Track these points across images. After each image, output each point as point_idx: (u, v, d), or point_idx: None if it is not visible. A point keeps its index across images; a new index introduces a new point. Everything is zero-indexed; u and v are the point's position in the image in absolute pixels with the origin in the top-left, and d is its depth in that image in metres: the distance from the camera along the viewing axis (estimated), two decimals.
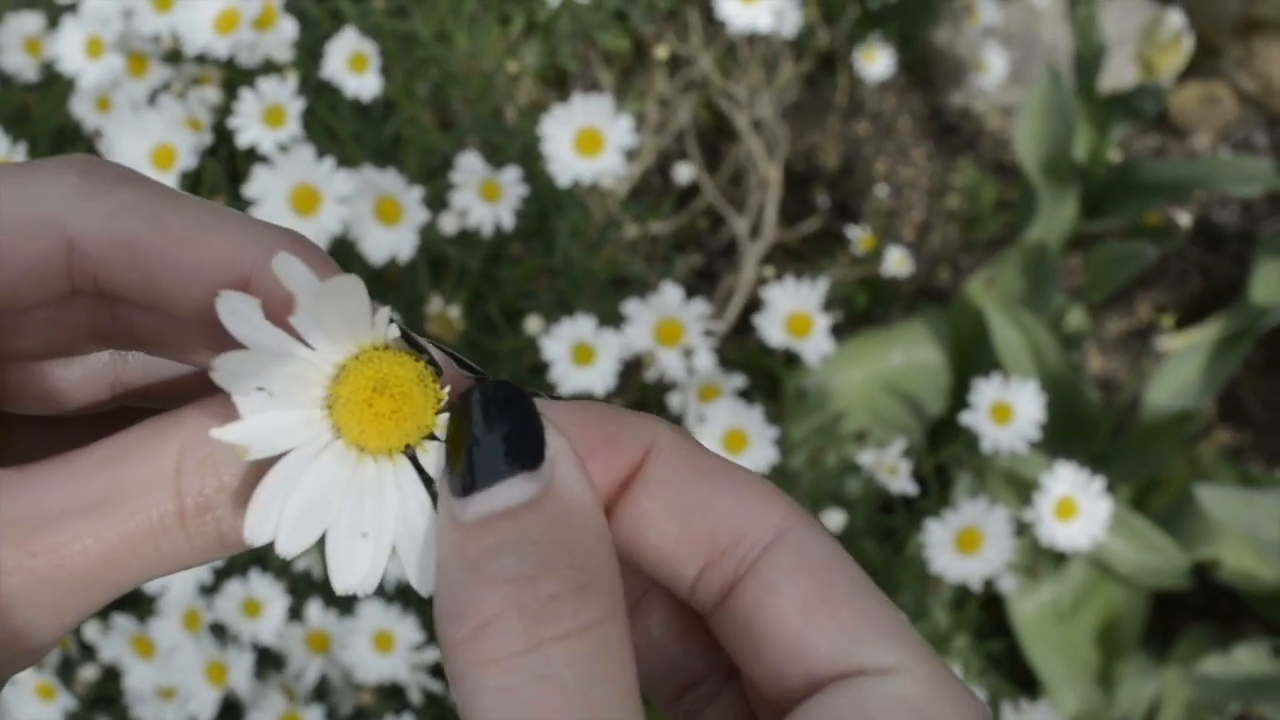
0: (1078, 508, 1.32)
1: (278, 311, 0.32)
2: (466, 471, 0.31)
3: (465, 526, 0.31)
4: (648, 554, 0.34)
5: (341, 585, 0.33)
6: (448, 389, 0.34)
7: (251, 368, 0.31)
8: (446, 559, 0.31)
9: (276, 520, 0.32)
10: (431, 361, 0.34)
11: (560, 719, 0.29)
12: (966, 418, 1.33)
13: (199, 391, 0.33)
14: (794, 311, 1.30)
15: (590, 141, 1.26)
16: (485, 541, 0.30)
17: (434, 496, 0.34)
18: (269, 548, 0.33)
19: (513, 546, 0.30)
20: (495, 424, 0.32)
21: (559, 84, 1.88)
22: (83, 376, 0.40)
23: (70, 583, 0.32)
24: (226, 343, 0.32)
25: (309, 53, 1.40)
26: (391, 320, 0.34)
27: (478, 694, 0.29)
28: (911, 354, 1.75)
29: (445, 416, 0.34)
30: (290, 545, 0.32)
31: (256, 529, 0.32)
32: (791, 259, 2.01)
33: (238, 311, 0.31)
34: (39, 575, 0.31)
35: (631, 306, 1.25)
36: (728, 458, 0.35)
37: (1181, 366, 1.73)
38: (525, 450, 0.31)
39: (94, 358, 0.40)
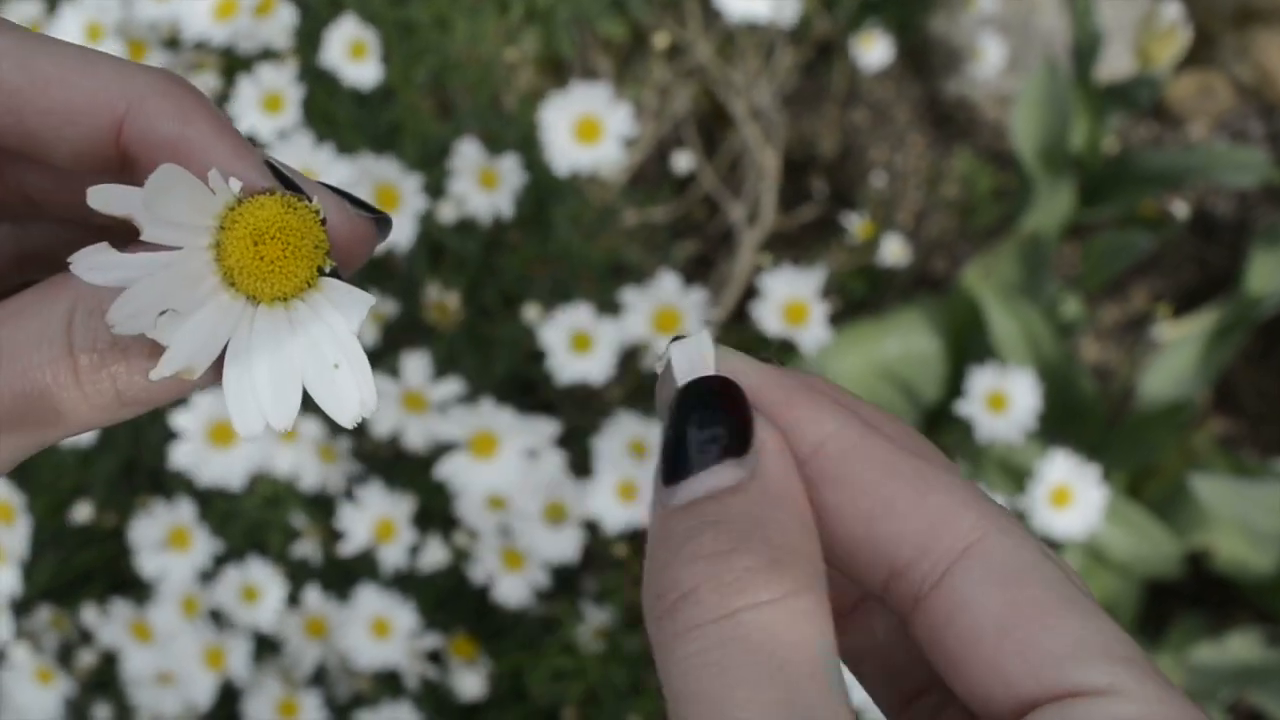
0: (1073, 495, 1.32)
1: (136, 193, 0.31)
2: (678, 459, 0.31)
3: (670, 511, 0.31)
4: (831, 553, 0.32)
5: (245, 429, 0.33)
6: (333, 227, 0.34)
7: (141, 302, 0.31)
8: (653, 543, 0.31)
9: (179, 364, 0.32)
10: (290, 186, 0.34)
11: (746, 679, 0.29)
12: (962, 406, 1.33)
13: None
14: (791, 299, 1.30)
15: (589, 129, 1.26)
16: (687, 523, 0.31)
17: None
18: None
19: (711, 525, 0.30)
20: (708, 416, 0.32)
21: (557, 72, 1.88)
22: None
23: None
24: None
25: (308, 40, 1.40)
26: (270, 164, 0.35)
27: (672, 663, 0.29)
28: (907, 342, 1.76)
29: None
30: (126, 326, 0.31)
31: (162, 372, 0.32)
32: (789, 247, 2.02)
33: (93, 265, 0.31)
34: None
35: (629, 295, 1.25)
36: (924, 447, 0.34)
37: (1176, 356, 1.73)
38: (732, 439, 0.31)
39: None
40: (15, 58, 0.33)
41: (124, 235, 0.32)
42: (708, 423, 0.32)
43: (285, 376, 0.34)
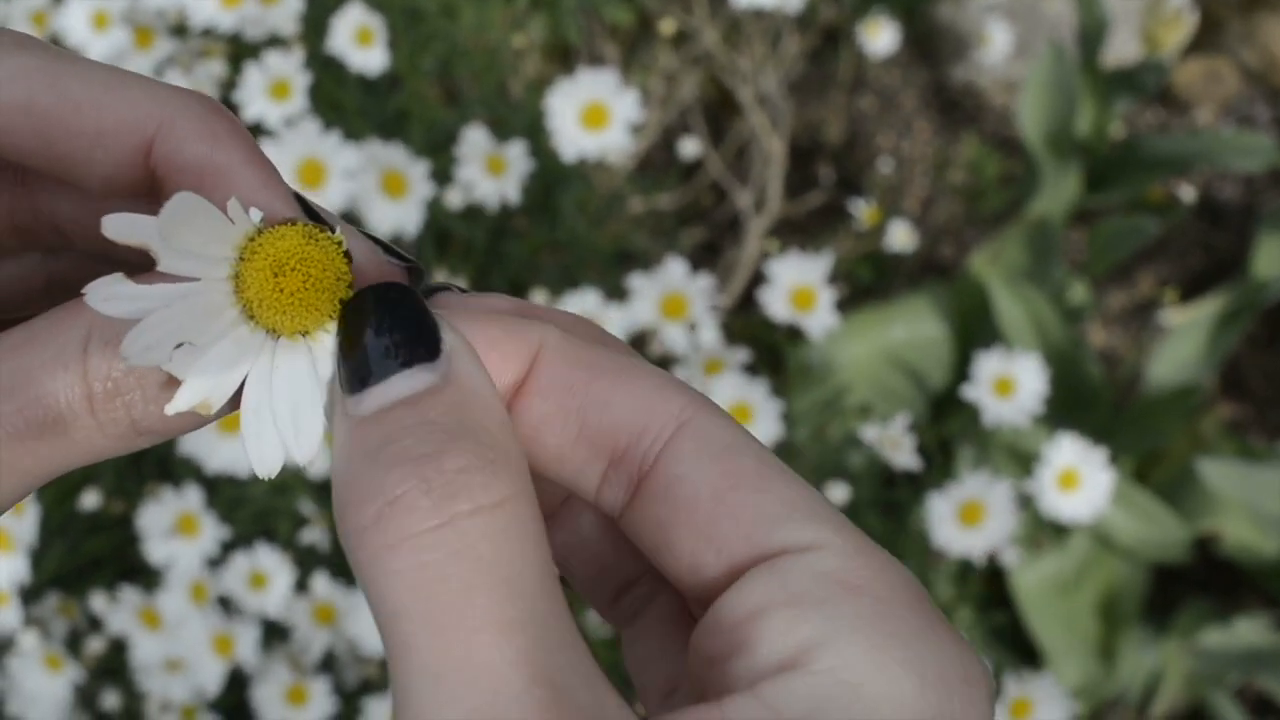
0: (1080, 479, 1.33)
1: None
2: (360, 367, 0.30)
3: (361, 419, 0.30)
4: (548, 459, 0.33)
5: (263, 468, 0.32)
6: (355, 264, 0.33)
7: (156, 335, 0.31)
8: (343, 454, 0.30)
9: (196, 399, 0.32)
10: (314, 218, 0.34)
11: (479, 597, 0.27)
12: (969, 391, 1.33)
13: None
14: (798, 285, 1.30)
15: (596, 116, 1.26)
16: (383, 429, 0.29)
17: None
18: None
19: (412, 429, 0.29)
20: (387, 321, 0.31)
21: (564, 58, 1.88)
22: (13, 276, 0.39)
23: None
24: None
25: (314, 26, 1.40)
26: (297, 195, 0.34)
27: (388, 577, 0.27)
28: (914, 328, 1.76)
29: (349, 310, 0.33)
30: (140, 358, 0.31)
31: (178, 406, 0.31)
32: (795, 233, 2.02)
33: (107, 296, 0.30)
34: None
35: (636, 281, 1.25)
36: (621, 345, 0.34)
37: (1183, 341, 1.73)
38: (420, 344, 0.30)
39: (25, 258, 0.39)
40: (45, 78, 0.33)
41: (148, 268, 0.32)
42: (392, 328, 0.31)
43: (307, 409, 0.33)
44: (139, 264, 0.31)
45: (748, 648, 0.29)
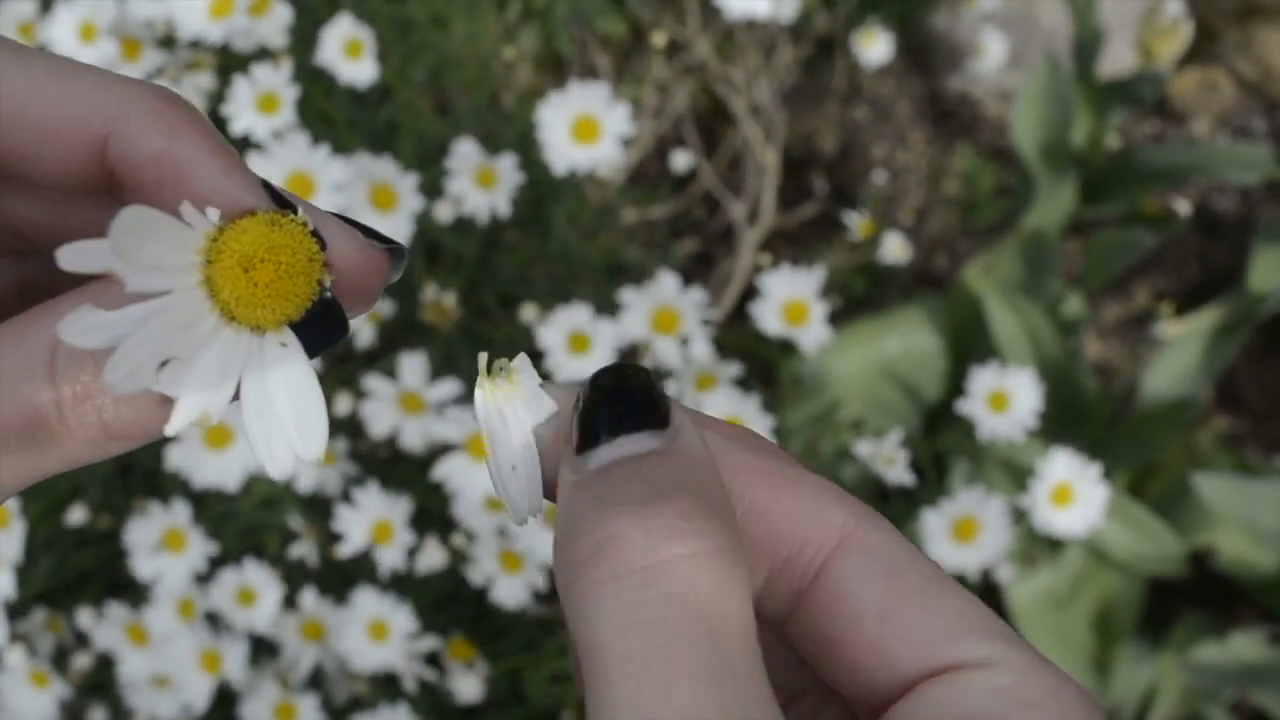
0: (1074, 494, 1.32)
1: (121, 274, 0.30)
2: (593, 431, 0.31)
3: (587, 476, 0.30)
4: None
5: (276, 469, 0.32)
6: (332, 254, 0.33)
7: (137, 358, 0.30)
8: (567, 503, 0.30)
9: (194, 413, 0.31)
10: (281, 203, 0.33)
11: (683, 642, 0.27)
12: (963, 406, 1.33)
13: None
14: (791, 299, 1.29)
15: (587, 129, 1.25)
16: (609, 480, 0.30)
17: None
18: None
19: (635, 478, 0.29)
20: (623, 391, 0.31)
21: (555, 70, 1.87)
22: None
23: None
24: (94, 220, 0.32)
25: (303, 38, 1.39)
26: (267, 186, 0.33)
27: (598, 612, 0.28)
28: (908, 341, 1.75)
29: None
30: (126, 385, 0.30)
31: (177, 424, 0.31)
32: (789, 245, 2.01)
33: (81, 330, 0.30)
34: None
35: (628, 295, 1.24)
36: (782, 455, 0.34)
37: (1179, 353, 1.73)
38: (650, 413, 0.31)
39: None
40: None
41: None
42: (625, 399, 0.31)
43: (306, 402, 0.32)
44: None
45: None
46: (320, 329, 0.33)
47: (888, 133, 2.17)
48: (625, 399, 0.31)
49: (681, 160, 1.44)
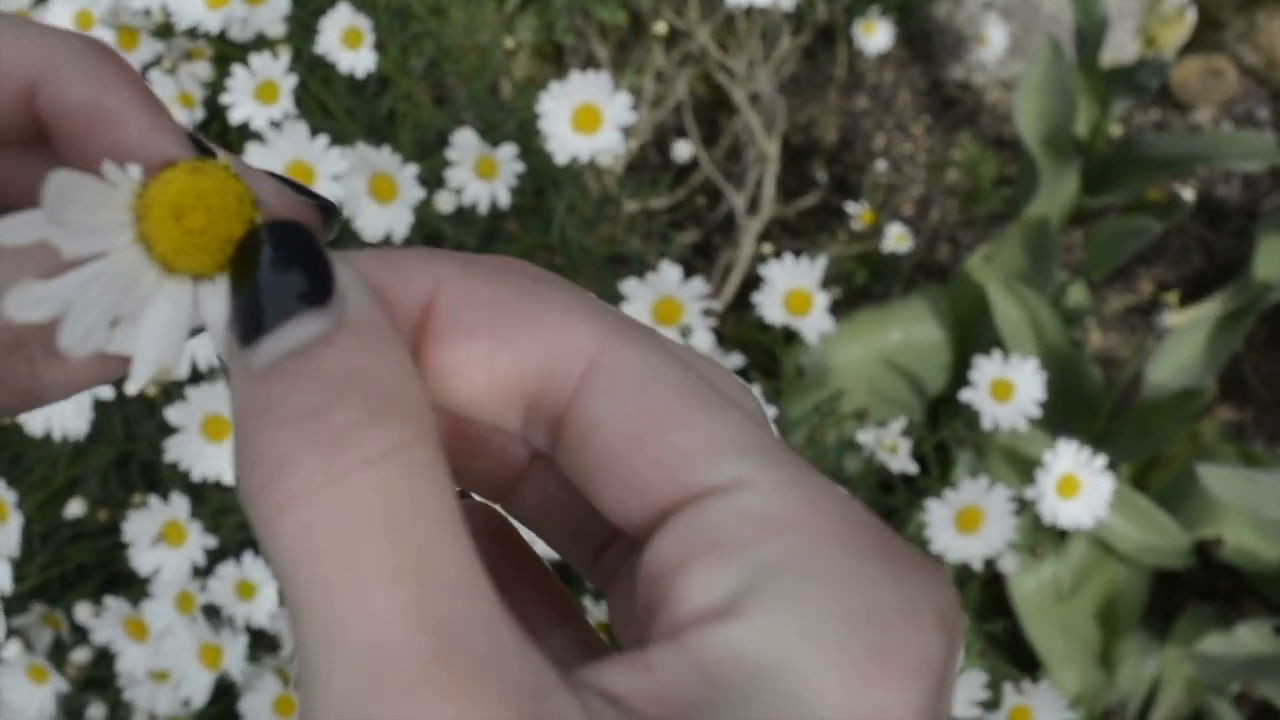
0: (1080, 484, 1.31)
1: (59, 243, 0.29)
2: (252, 314, 0.29)
3: (254, 375, 0.28)
4: (465, 406, 0.31)
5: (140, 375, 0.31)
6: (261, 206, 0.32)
7: (87, 321, 0.30)
8: (239, 413, 0.28)
9: (152, 367, 0.31)
10: (208, 152, 0.32)
11: (369, 552, 0.26)
12: (967, 395, 1.32)
13: None
14: (793, 289, 1.28)
15: (588, 118, 1.24)
16: (274, 385, 0.28)
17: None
18: None
19: (303, 384, 0.27)
20: (277, 261, 0.29)
21: (555, 59, 1.86)
22: None
23: None
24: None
25: (302, 27, 1.38)
26: (193, 138, 0.33)
27: (278, 538, 0.26)
28: (911, 331, 1.74)
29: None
30: (82, 348, 0.30)
31: (139, 379, 0.30)
32: (790, 234, 2.00)
33: (25, 304, 0.29)
34: None
35: (629, 285, 1.23)
36: (527, 274, 0.32)
37: (1183, 343, 1.72)
38: (312, 285, 0.29)
39: None
40: None
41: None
42: (281, 269, 0.29)
43: (177, 325, 0.31)
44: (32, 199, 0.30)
45: (671, 600, 0.28)
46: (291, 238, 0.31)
47: (888, 122, 2.16)
48: (285, 266, 0.29)
49: (683, 150, 1.43)
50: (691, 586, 0.27)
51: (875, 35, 1.91)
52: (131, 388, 0.31)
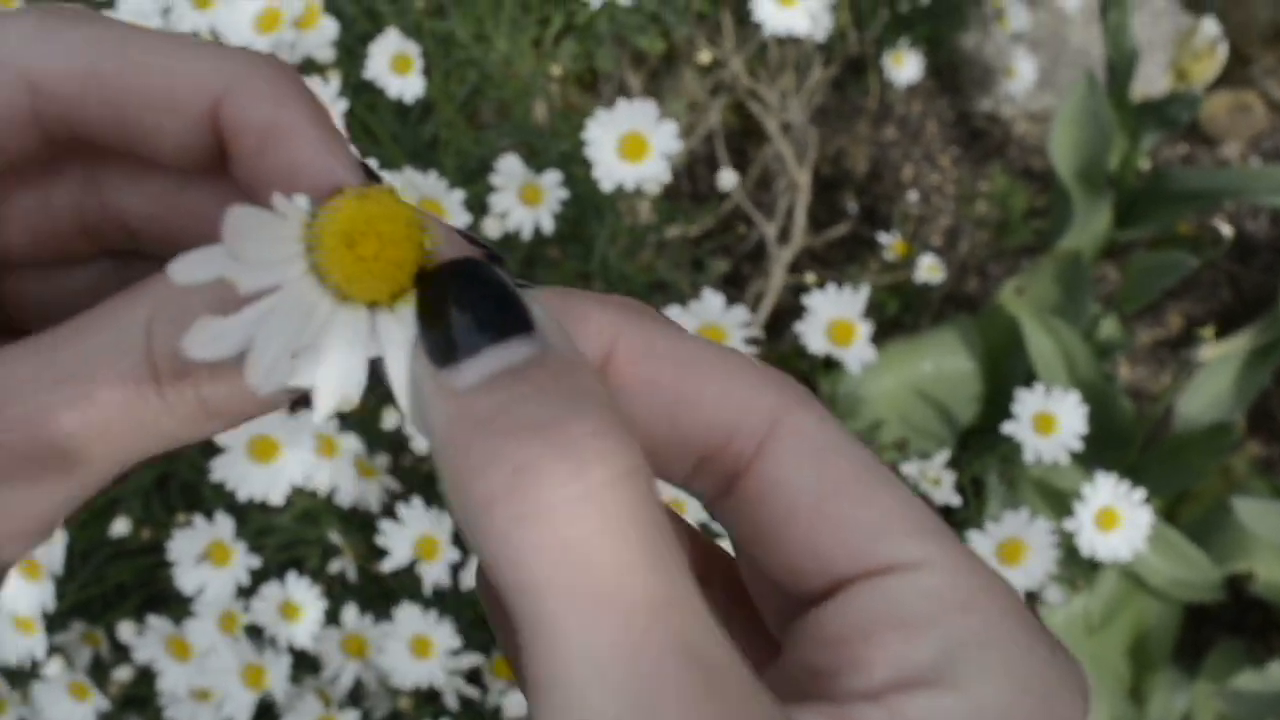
0: (1119, 518, 1.32)
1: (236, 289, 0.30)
2: (448, 340, 0.29)
3: (464, 391, 0.28)
4: None
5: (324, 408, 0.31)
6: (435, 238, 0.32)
7: (272, 353, 0.30)
8: (449, 427, 0.28)
9: (335, 398, 0.31)
10: (374, 179, 0.33)
11: (633, 578, 0.26)
12: (1009, 428, 1.32)
13: None
14: (836, 319, 1.29)
15: (634, 146, 1.25)
16: (494, 398, 0.27)
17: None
18: None
19: (530, 396, 0.27)
20: (474, 293, 0.29)
21: (590, 87, 1.87)
22: (86, 286, 0.39)
23: (46, 457, 0.30)
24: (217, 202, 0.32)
25: (346, 52, 1.39)
26: (361, 163, 0.33)
27: (526, 551, 0.26)
28: (942, 362, 1.75)
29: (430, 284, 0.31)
30: (268, 383, 0.30)
31: (322, 411, 0.31)
32: (819, 264, 2.01)
33: (207, 341, 0.29)
34: (13, 449, 0.30)
35: (672, 314, 1.24)
36: (679, 325, 0.32)
37: (1214, 378, 1.73)
38: (512, 316, 0.29)
39: (95, 265, 0.39)
40: (111, 46, 0.33)
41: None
42: (480, 299, 0.29)
43: (356, 358, 0.31)
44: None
45: (861, 666, 0.29)
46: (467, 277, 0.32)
47: (916, 153, 2.17)
48: (478, 296, 0.29)
49: (728, 179, 1.44)
50: (886, 655, 0.29)
51: (905, 67, 1.92)
52: (316, 419, 0.31)
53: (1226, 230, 1.65)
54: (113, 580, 1.42)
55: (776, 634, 0.33)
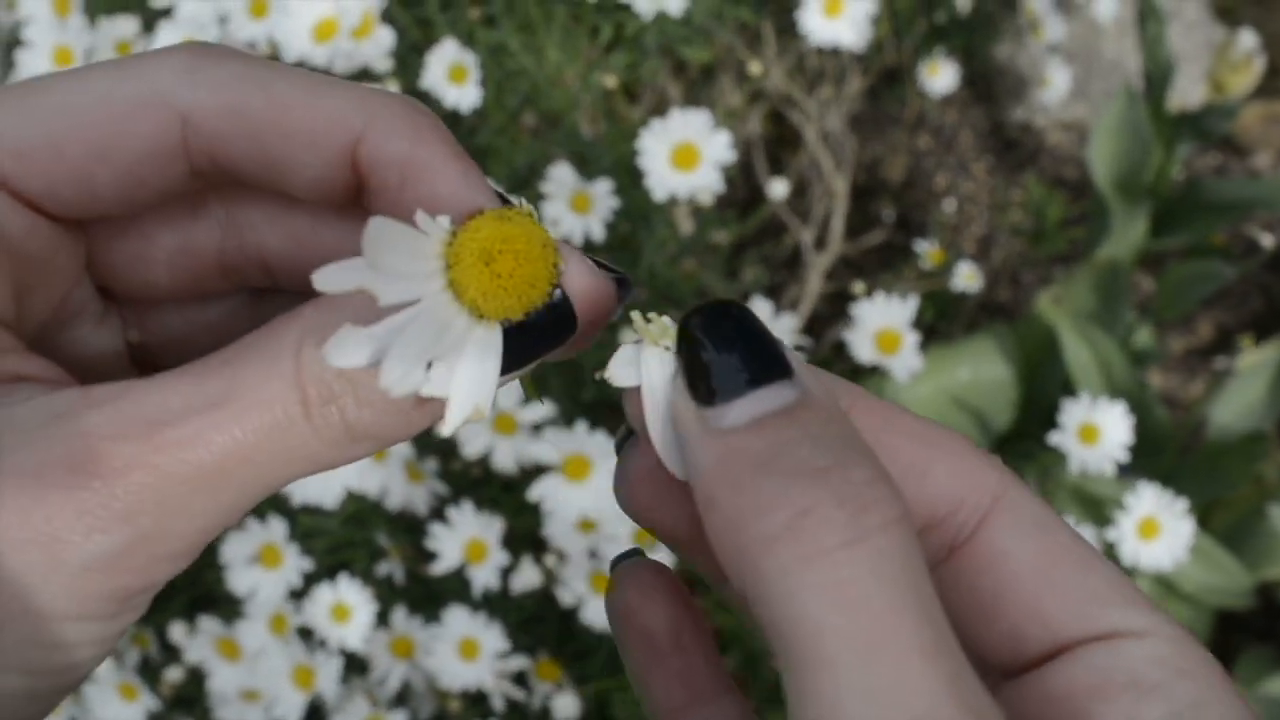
0: (1161, 527, 1.32)
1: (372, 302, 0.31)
2: (710, 380, 0.30)
3: (733, 431, 0.29)
4: None
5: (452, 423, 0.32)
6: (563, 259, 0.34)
7: (406, 363, 0.31)
8: (721, 464, 0.29)
9: (466, 410, 0.32)
10: (507, 202, 0.35)
11: (905, 620, 0.27)
12: (1054, 438, 1.33)
13: None
14: (883, 328, 1.30)
15: (687, 156, 1.26)
16: (765, 439, 0.29)
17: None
18: None
19: (803, 440, 0.29)
20: (736, 336, 0.31)
21: (632, 96, 1.88)
22: (222, 319, 0.40)
23: (198, 480, 0.31)
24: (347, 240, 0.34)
25: (399, 61, 1.40)
26: (497, 192, 0.35)
27: (806, 591, 0.27)
28: (979, 369, 1.76)
29: (657, 324, 0.33)
30: (401, 389, 0.31)
31: (453, 423, 0.32)
32: (854, 272, 2.02)
33: (347, 347, 0.31)
34: (166, 472, 0.31)
35: None
36: (908, 414, 0.34)
37: (1247, 386, 1.73)
38: (773, 361, 0.30)
39: (231, 300, 0.40)
40: (254, 84, 0.34)
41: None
42: (740, 343, 0.31)
43: (487, 366, 0.33)
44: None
45: None
46: (550, 328, 0.34)
47: (950, 162, 2.18)
48: (742, 343, 0.31)
49: (779, 189, 1.45)
50: (1118, 713, 0.31)
51: (940, 76, 1.93)
52: (445, 430, 0.32)
53: (1268, 242, 1.66)
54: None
55: None
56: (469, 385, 0.32)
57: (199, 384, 0.32)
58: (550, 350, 0.34)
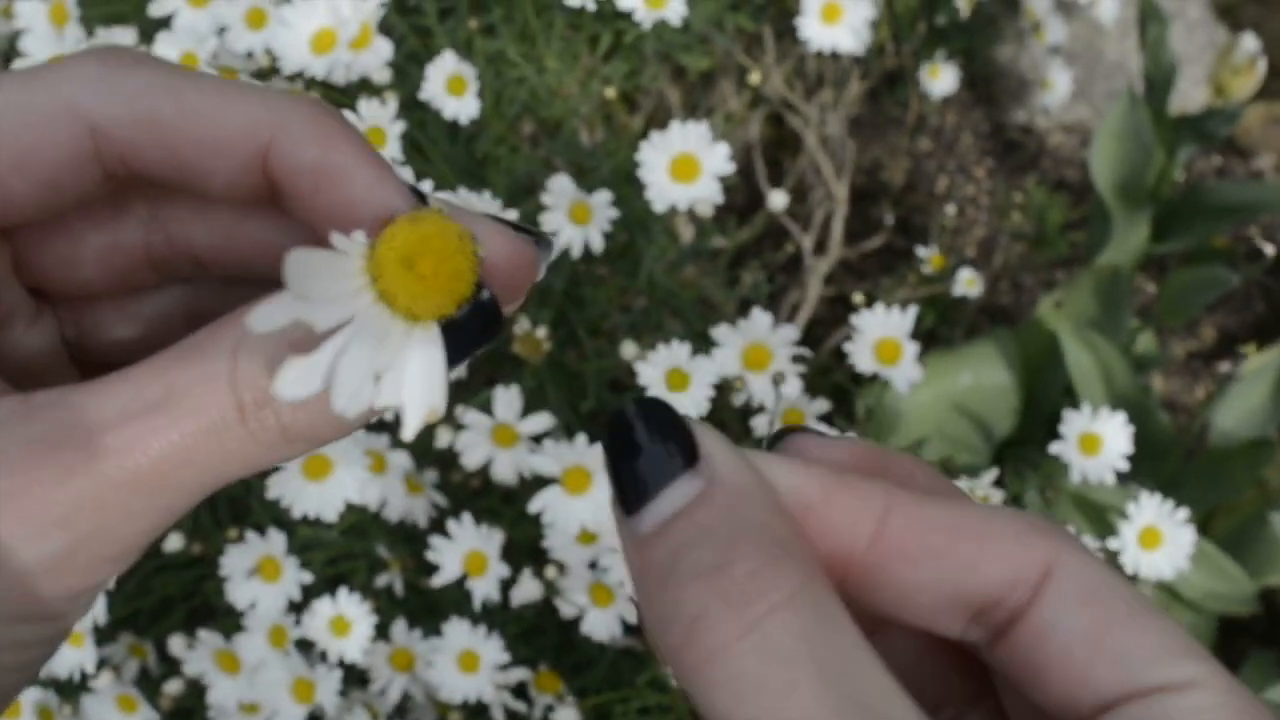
0: (1162, 536, 1.32)
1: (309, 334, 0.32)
2: (629, 485, 0.31)
3: (644, 540, 0.31)
4: (914, 617, 0.34)
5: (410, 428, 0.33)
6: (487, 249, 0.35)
7: (354, 381, 0.32)
8: (640, 577, 0.31)
9: (422, 414, 0.33)
10: (421, 197, 0.35)
11: (797, 694, 0.28)
12: (1055, 448, 1.33)
13: None
14: (883, 338, 1.29)
15: (686, 168, 1.26)
16: (667, 546, 0.30)
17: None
18: None
19: (700, 539, 0.30)
20: (633, 444, 0.32)
21: (630, 104, 1.88)
22: (157, 311, 0.41)
23: (136, 484, 0.32)
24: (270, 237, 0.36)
25: (396, 70, 1.40)
26: (414, 191, 0.35)
27: (711, 690, 0.29)
28: (980, 375, 1.75)
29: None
30: (353, 408, 0.32)
31: (412, 429, 0.33)
32: (853, 276, 2.01)
33: (295, 379, 0.32)
34: (106, 476, 0.32)
35: (720, 331, 1.25)
36: (942, 481, 0.36)
37: (1249, 391, 1.73)
38: (673, 455, 0.31)
39: (166, 292, 0.41)
40: (166, 93, 0.35)
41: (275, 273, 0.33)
42: (648, 442, 0.32)
43: (435, 368, 0.34)
44: (274, 280, 0.32)
45: None
46: (477, 327, 0.35)
47: (950, 165, 2.17)
48: (645, 448, 0.32)
49: (778, 200, 1.44)
50: None
51: (940, 79, 1.93)
52: (407, 435, 0.33)
53: (1270, 250, 1.66)
54: (159, 593, 1.43)
55: None
56: (420, 388, 0.33)
57: (137, 389, 0.33)
58: (485, 346, 0.35)
